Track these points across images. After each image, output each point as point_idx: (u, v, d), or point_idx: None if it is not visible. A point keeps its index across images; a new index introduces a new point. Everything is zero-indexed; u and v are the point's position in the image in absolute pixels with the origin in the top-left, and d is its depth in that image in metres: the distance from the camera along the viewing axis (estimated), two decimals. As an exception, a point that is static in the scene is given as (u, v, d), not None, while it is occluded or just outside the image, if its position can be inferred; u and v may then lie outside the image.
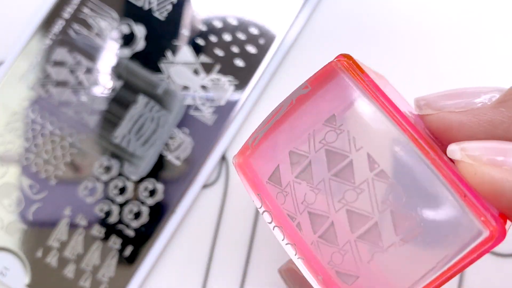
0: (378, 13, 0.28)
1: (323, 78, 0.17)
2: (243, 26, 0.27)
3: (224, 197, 0.27)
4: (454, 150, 0.16)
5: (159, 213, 0.26)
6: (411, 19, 0.28)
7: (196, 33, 0.27)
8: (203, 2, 0.27)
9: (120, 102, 0.27)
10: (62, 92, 0.27)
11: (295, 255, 0.18)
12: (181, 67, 0.27)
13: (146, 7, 0.27)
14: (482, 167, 0.16)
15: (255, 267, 0.27)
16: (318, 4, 0.28)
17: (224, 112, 0.27)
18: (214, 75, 0.27)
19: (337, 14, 0.28)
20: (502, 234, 0.15)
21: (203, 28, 0.27)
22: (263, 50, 0.27)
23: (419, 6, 0.28)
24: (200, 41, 0.27)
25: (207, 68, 0.27)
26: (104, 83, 0.27)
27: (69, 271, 0.26)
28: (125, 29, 0.27)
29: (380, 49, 0.27)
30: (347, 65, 0.17)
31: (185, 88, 0.27)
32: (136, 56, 0.27)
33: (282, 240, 0.18)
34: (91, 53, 0.27)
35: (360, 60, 0.18)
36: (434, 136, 0.18)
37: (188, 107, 0.27)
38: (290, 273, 0.21)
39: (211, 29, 0.27)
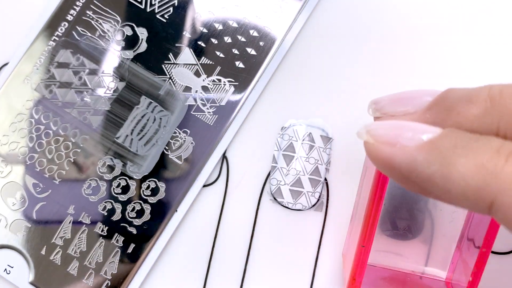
0: (376, 14, 0.28)
1: None
2: (243, 28, 0.28)
3: (225, 196, 0.28)
4: (361, 132, 0.18)
5: (161, 212, 0.27)
6: (409, 19, 0.28)
7: (197, 35, 0.28)
8: (204, 5, 0.28)
9: (122, 102, 0.27)
10: (66, 93, 0.27)
11: None
12: (182, 68, 0.28)
13: (148, 9, 0.28)
14: (381, 145, 0.17)
15: (255, 264, 0.27)
16: (316, 6, 0.28)
17: (225, 112, 0.27)
18: (215, 76, 0.27)
19: (335, 17, 0.28)
20: None
21: (204, 30, 0.28)
22: (262, 52, 0.28)
23: (417, 6, 0.28)
24: (201, 43, 0.28)
25: (208, 70, 0.28)
26: (107, 84, 0.27)
27: (73, 268, 0.27)
28: (128, 31, 0.28)
29: (378, 50, 0.28)
30: None
31: (187, 89, 0.27)
32: (138, 58, 0.28)
33: None
34: (94, 55, 0.28)
35: (358, 60, 0.18)
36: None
37: (190, 107, 0.27)
38: None
39: (212, 32, 0.28)
